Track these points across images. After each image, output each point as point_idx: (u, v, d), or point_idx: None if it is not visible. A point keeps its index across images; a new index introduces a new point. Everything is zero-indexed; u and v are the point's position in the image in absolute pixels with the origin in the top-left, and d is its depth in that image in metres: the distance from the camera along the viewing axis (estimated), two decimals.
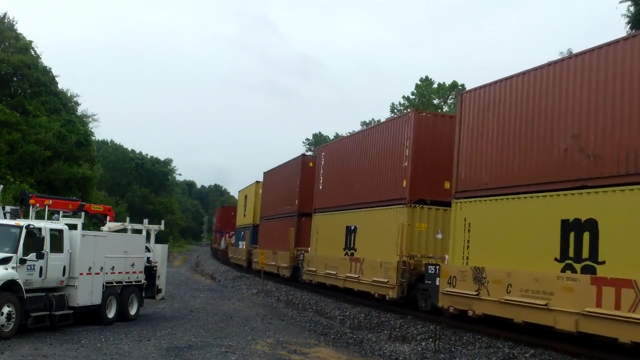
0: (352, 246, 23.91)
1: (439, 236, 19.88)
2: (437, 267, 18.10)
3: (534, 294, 13.97)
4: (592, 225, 12.90)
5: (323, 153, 29.21)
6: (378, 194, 22.22)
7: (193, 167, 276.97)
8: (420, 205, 19.97)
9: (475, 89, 17.78)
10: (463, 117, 17.96)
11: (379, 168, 22.55)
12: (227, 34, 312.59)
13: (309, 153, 64.08)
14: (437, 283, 17.87)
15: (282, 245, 32.80)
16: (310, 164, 31.21)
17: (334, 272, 24.66)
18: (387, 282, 20.15)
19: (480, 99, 17.35)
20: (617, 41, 13.14)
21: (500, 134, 16.18)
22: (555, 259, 13.65)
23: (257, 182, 43.40)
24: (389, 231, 20.56)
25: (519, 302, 14.34)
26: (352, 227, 24.03)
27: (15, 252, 14.26)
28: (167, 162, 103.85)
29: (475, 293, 15.95)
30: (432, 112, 21.77)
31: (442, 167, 19.43)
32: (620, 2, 35.02)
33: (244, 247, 44.50)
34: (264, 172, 40.99)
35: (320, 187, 28.46)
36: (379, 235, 21.56)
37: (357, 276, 22.53)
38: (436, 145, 20.27)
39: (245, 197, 48.35)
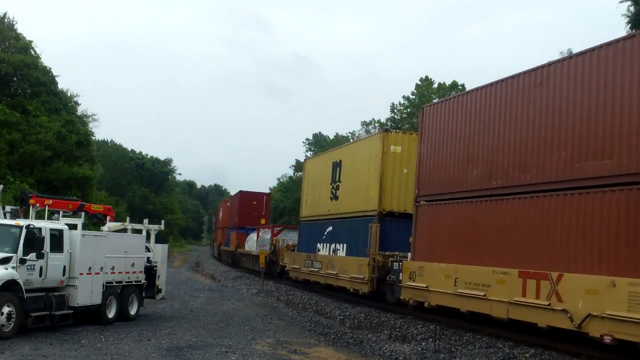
0: None
1: None
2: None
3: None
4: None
5: None
6: None
7: (193, 167, 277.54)
8: None
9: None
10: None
11: None
12: (224, 33, 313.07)
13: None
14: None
15: (592, 259, 13.11)
16: None
17: None
18: None
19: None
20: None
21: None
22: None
23: (387, 130, 24.99)
24: None
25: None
26: None
27: (15, 252, 14.28)
28: (167, 162, 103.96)
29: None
30: None
31: None
32: (620, 2, 35.11)
33: (344, 254, 26.52)
34: (425, 107, 21.08)
35: None
36: None
37: None
38: None
39: (338, 165, 28.63)
